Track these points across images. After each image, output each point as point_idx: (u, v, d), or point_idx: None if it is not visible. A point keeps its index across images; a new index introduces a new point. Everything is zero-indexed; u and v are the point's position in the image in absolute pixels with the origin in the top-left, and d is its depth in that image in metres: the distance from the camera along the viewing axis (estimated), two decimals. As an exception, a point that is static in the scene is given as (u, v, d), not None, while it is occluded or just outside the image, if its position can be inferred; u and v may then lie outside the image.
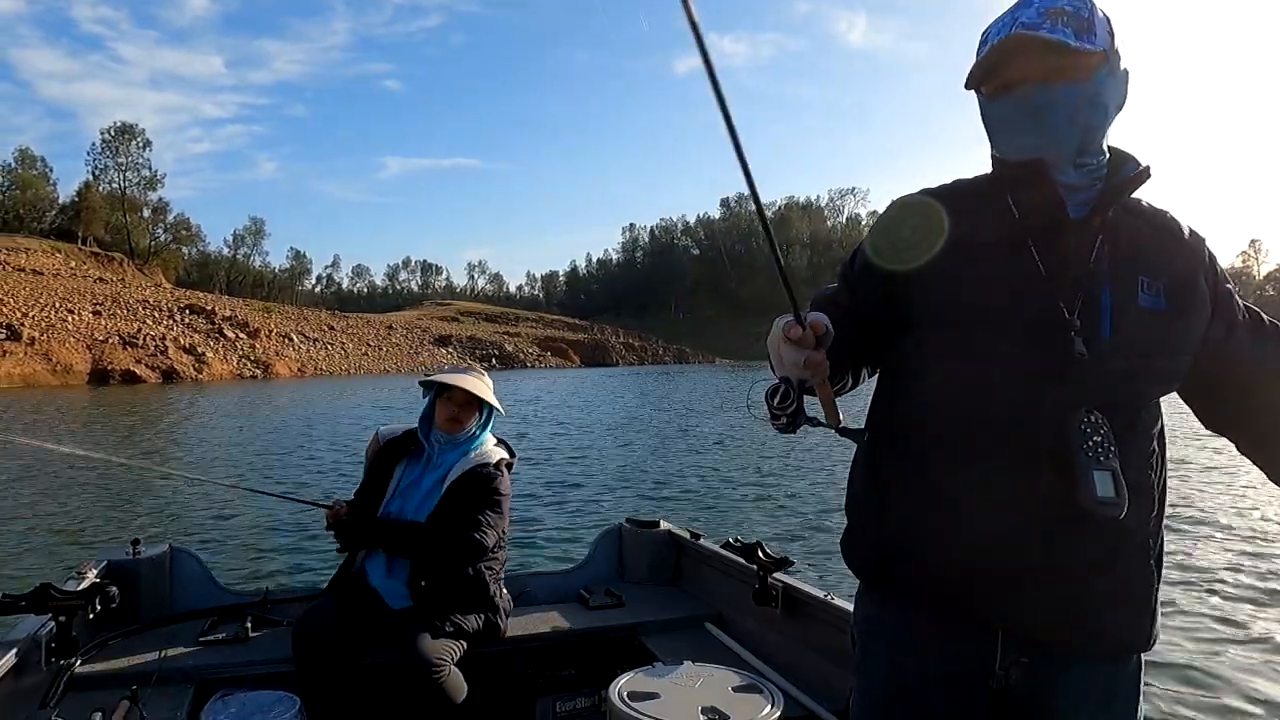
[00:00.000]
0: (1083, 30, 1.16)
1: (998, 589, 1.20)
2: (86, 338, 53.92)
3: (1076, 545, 1.17)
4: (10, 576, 6.06)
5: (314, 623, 2.60)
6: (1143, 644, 1.25)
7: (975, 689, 1.23)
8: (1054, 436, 1.15)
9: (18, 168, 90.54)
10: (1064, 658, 1.22)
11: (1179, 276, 1.24)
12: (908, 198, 1.35)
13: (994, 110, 1.26)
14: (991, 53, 1.20)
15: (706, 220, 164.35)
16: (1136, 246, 1.24)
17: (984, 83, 1.26)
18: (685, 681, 2.14)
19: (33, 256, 69.51)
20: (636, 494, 10.42)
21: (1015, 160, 1.24)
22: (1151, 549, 1.23)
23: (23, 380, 46.14)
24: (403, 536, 2.73)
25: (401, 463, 2.90)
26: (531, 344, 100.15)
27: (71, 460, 12.18)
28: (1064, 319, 1.18)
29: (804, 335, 1.04)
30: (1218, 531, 8.07)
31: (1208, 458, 12.64)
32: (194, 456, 15.27)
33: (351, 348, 78.20)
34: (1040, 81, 1.18)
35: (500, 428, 3.08)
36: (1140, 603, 1.23)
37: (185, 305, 68.31)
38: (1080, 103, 1.19)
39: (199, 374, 56.02)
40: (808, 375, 1.06)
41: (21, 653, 2.26)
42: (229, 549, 6.90)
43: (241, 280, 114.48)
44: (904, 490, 1.28)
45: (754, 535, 3.17)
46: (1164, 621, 1.38)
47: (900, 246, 1.27)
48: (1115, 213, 1.23)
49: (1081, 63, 1.17)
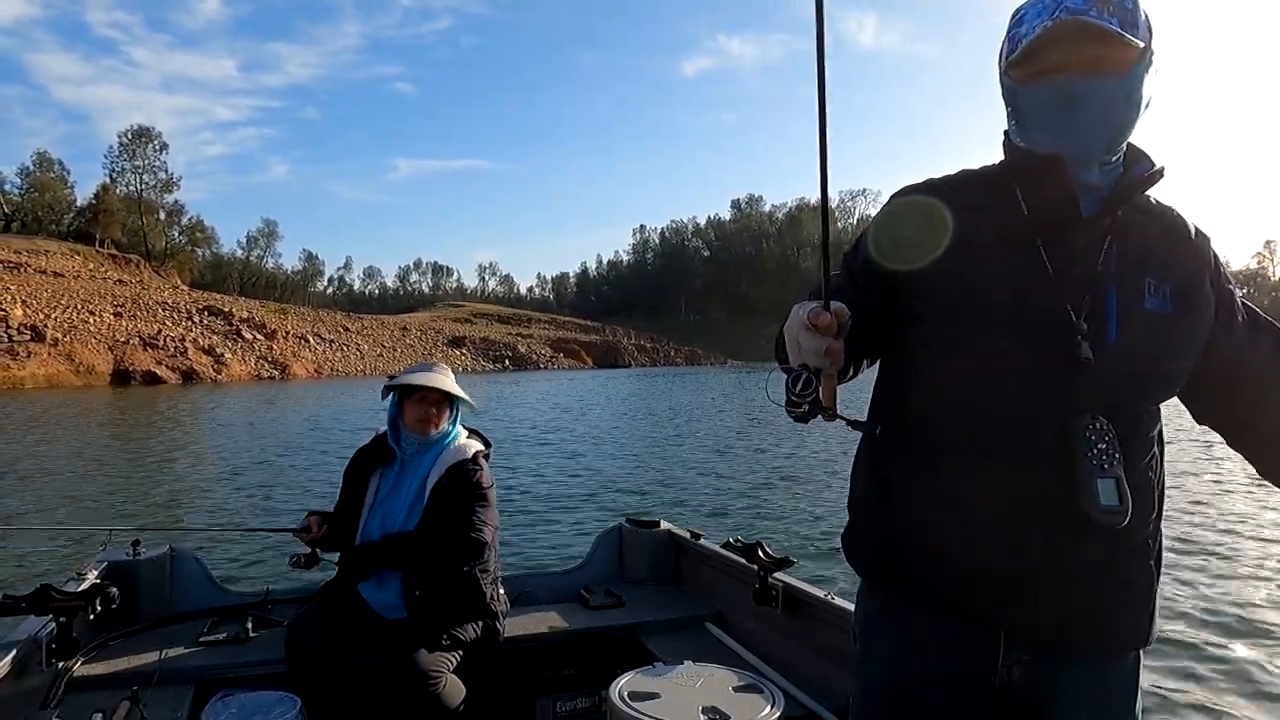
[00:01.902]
0: (1127, 22, 1.12)
1: (998, 589, 1.19)
2: (108, 339, 54.46)
3: (1077, 547, 1.16)
4: (10, 577, 6.05)
5: (305, 627, 2.57)
6: (1141, 642, 1.25)
7: (976, 688, 1.22)
8: (1057, 440, 1.13)
9: (36, 171, 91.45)
10: (1065, 657, 1.22)
11: (1185, 278, 1.22)
12: (912, 191, 1.31)
13: (1027, 97, 1.20)
14: (1040, 34, 1.13)
15: (717, 222, 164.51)
16: (1144, 247, 1.21)
17: (1019, 66, 1.19)
18: (685, 681, 2.13)
19: (53, 258, 70.09)
20: (636, 494, 10.41)
21: (1038, 153, 1.20)
22: (1151, 549, 1.23)
23: (47, 381, 46.64)
24: (395, 553, 2.66)
25: (376, 472, 2.82)
26: (544, 345, 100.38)
27: (73, 461, 12.27)
28: (1070, 321, 1.15)
29: (829, 322, 1.03)
30: (1218, 525, 8.11)
31: (1201, 451, 12.66)
32: (226, 452, 15.35)
33: (367, 349, 78.64)
34: (1081, 71, 1.13)
35: (502, 428, 3.09)
36: (1140, 602, 1.22)
37: (203, 307, 68.87)
38: (1118, 97, 1.14)
39: (218, 375, 56.48)
40: (826, 363, 1.04)
41: (22, 653, 2.25)
42: (229, 549, 6.87)
43: (255, 282, 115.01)
44: (905, 488, 1.26)
45: (754, 535, 3.17)
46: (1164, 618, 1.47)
47: (902, 245, 1.24)
48: (1124, 211, 1.20)
49: (1124, 55, 1.13)
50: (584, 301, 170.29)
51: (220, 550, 6.74)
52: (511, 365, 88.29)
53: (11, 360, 46.70)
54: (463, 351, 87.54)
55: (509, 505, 9.11)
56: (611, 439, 17.25)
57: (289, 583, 3.50)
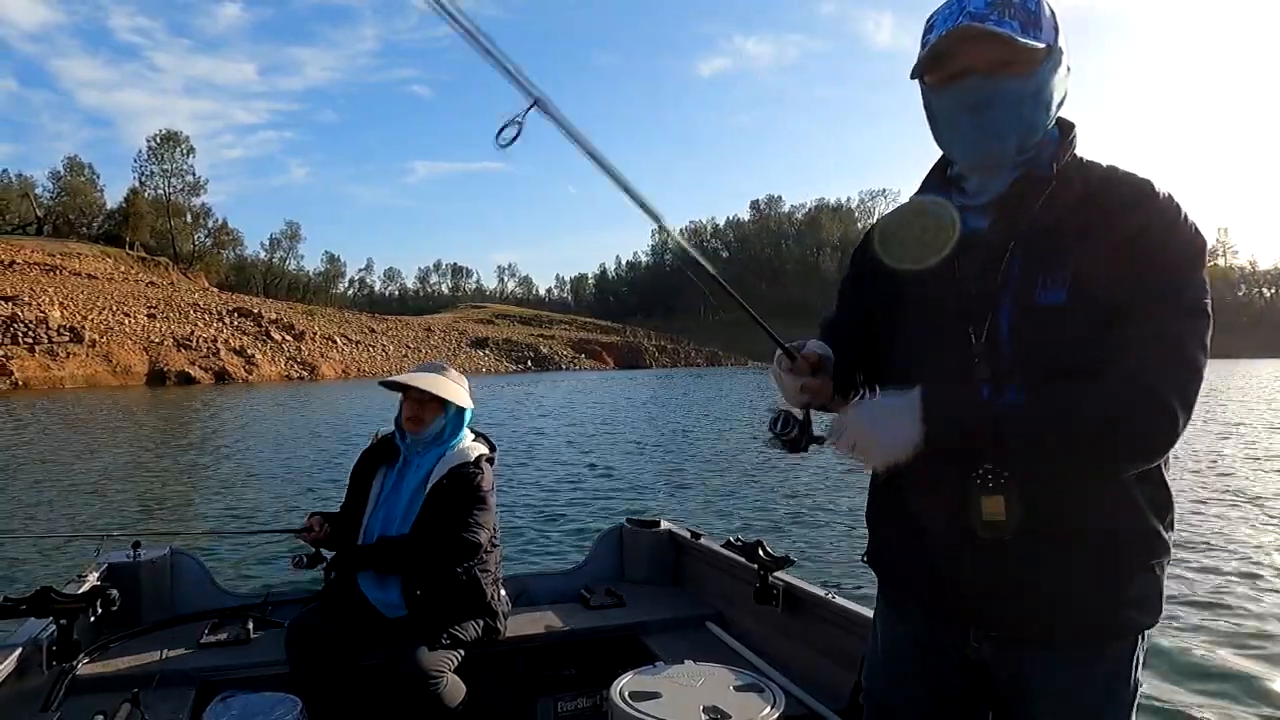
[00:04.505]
0: (1030, 23, 1.15)
1: (951, 590, 1.28)
2: (143, 340, 55.36)
3: (1004, 552, 1.20)
4: (11, 580, 6.06)
5: (306, 628, 2.59)
6: (1108, 635, 1.25)
7: (950, 658, 1.34)
8: (957, 461, 1.19)
9: (66, 174, 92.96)
10: (1026, 645, 1.27)
11: (1090, 261, 1.15)
12: (875, 227, 1.45)
13: (937, 102, 1.24)
14: (939, 40, 1.17)
15: (736, 222, 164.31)
16: (1056, 233, 1.19)
17: (929, 71, 1.23)
18: (686, 681, 2.13)
19: (85, 261, 71.33)
20: (636, 493, 10.39)
21: (959, 163, 1.28)
22: (1111, 545, 1.21)
23: (86, 381, 47.50)
24: (391, 556, 2.68)
25: (380, 470, 2.85)
26: (566, 346, 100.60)
27: (72, 461, 12.41)
28: (969, 344, 1.22)
29: (797, 365, 1.22)
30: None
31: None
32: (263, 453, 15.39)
33: (392, 349, 79.30)
34: (986, 74, 1.16)
35: (509, 431, 3.07)
36: (1095, 597, 1.22)
37: (233, 308, 69.77)
38: (1024, 97, 1.17)
39: (249, 375, 57.23)
40: (807, 399, 1.24)
41: (23, 655, 2.27)
42: (230, 551, 6.86)
43: (278, 283, 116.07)
44: (878, 497, 1.42)
45: (755, 534, 3.16)
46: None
47: (861, 276, 1.43)
48: (1046, 196, 1.20)
49: (1028, 56, 1.16)
50: (603, 302, 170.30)
51: (221, 552, 6.74)
52: (534, 366, 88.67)
53: (51, 361, 47.66)
54: (486, 352, 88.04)
55: (514, 505, 9.12)
56: (615, 438, 17.11)
57: (289, 584, 3.50)
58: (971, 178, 1.28)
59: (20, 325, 48.54)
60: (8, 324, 48.15)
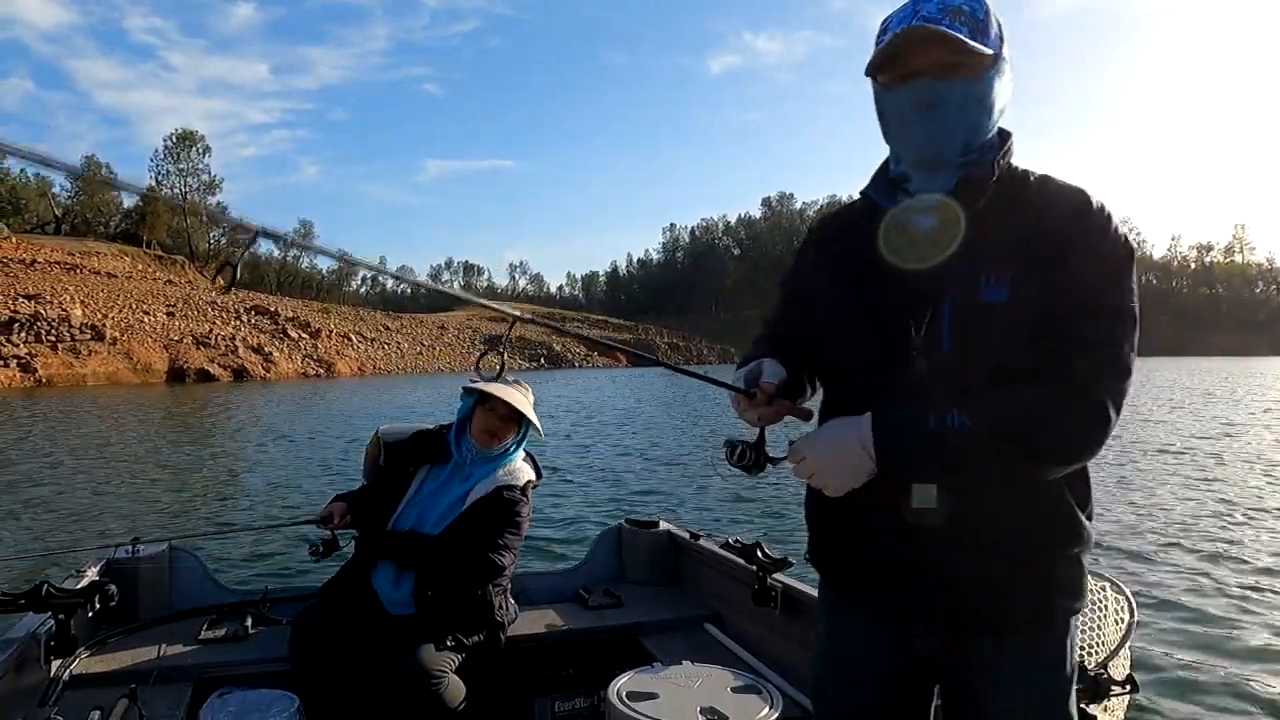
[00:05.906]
0: (978, 31, 1.21)
1: (883, 582, 1.33)
2: (163, 338, 56.00)
3: (938, 543, 1.24)
4: (9, 575, 5.99)
5: (311, 623, 2.58)
6: (1048, 621, 1.30)
7: (895, 656, 1.38)
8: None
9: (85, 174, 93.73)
10: (968, 636, 1.31)
11: (1031, 261, 1.21)
12: (817, 221, 1.53)
13: (889, 100, 1.29)
14: (894, 40, 1.23)
15: (748, 220, 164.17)
16: (1000, 234, 1.23)
17: (882, 71, 1.29)
18: (684, 682, 2.13)
19: (104, 259, 72.04)
20: (637, 493, 10.33)
21: (906, 161, 1.31)
22: (1043, 534, 1.26)
23: (107, 379, 48.12)
24: (418, 551, 2.68)
25: (425, 467, 2.83)
26: (578, 344, 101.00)
27: (72, 458, 12.46)
28: (909, 338, 1.26)
29: (756, 400, 1.30)
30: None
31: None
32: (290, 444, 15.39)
33: (407, 347, 79.84)
34: (936, 76, 1.22)
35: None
36: (1033, 585, 1.27)
37: (251, 306, 70.39)
38: (970, 100, 1.23)
39: (267, 373, 57.78)
40: (767, 423, 1.32)
41: (20, 651, 2.25)
42: (229, 547, 6.85)
43: (291, 281, 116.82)
44: (817, 494, 1.39)
45: (753, 536, 3.12)
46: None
47: (800, 276, 1.50)
48: (988, 200, 1.25)
49: (976, 61, 1.22)
50: (614, 300, 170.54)
51: (220, 549, 6.75)
52: (547, 363, 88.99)
53: (74, 358, 48.31)
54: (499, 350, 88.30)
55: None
56: (615, 438, 17.07)
57: (288, 581, 3.48)
58: (915, 178, 1.31)
59: (43, 323, 49.20)
60: (31, 322, 48.81)
